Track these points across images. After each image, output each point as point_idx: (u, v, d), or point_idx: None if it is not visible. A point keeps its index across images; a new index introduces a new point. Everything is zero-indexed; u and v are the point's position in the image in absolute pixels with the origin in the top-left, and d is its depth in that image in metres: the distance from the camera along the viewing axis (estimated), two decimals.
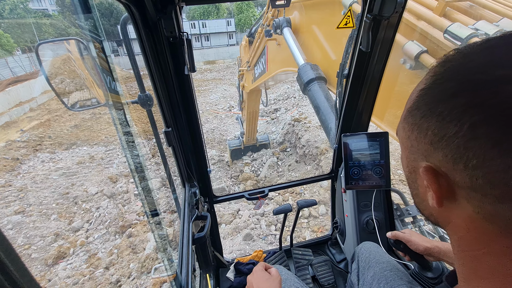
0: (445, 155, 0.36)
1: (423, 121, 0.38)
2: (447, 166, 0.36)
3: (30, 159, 8.18)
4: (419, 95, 0.40)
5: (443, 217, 0.43)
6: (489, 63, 0.33)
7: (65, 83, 6.10)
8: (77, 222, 5.34)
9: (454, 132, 0.33)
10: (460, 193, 0.37)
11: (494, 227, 0.35)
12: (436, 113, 0.36)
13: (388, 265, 1.09)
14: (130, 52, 1.11)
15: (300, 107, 10.72)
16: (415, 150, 0.42)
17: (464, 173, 0.34)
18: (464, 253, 0.41)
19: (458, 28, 1.51)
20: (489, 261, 0.37)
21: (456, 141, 0.33)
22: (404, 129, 0.44)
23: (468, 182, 0.34)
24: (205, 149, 1.53)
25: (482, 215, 0.35)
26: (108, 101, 0.95)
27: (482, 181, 0.32)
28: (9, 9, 26.79)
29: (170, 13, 1.04)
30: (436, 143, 0.36)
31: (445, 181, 0.37)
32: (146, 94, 1.17)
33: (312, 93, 2.37)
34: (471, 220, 0.37)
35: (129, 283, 3.87)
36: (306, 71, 2.48)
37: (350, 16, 1.24)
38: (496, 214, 0.33)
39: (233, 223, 4.79)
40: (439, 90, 0.36)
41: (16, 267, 0.29)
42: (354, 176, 1.59)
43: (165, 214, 4.97)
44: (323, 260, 1.87)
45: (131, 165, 1.04)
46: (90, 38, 0.93)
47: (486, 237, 0.36)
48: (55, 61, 11.59)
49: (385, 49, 1.30)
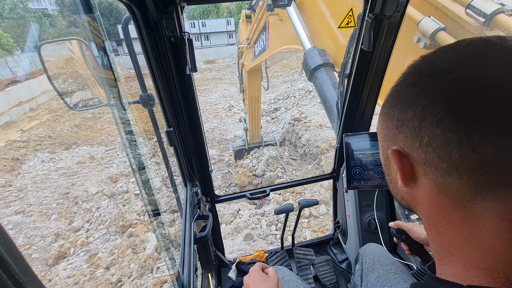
0: (405, 137, 0.41)
1: (391, 111, 0.45)
2: (408, 146, 0.41)
3: (30, 159, 8.17)
4: (390, 92, 0.47)
5: (412, 199, 0.46)
6: (438, 59, 0.40)
7: (67, 83, 6.08)
8: (78, 222, 5.34)
9: (411, 115, 0.39)
10: (419, 170, 0.41)
11: (449, 201, 0.39)
12: (399, 102, 0.43)
13: (392, 268, 1.09)
14: (132, 52, 1.10)
15: (300, 107, 10.72)
16: (386, 138, 0.47)
17: (420, 150, 0.39)
18: (432, 231, 0.44)
19: (483, 2, 1.33)
20: (452, 235, 0.40)
21: (412, 123, 0.39)
22: (379, 122, 0.50)
23: (423, 158, 0.39)
24: (207, 149, 1.52)
25: (437, 189, 0.40)
26: (110, 101, 0.95)
27: (433, 155, 0.37)
28: (9, 9, 26.75)
29: (171, 13, 1.03)
30: (399, 127, 0.42)
31: (407, 160, 0.42)
32: (147, 94, 1.17)
33: (319, 80, 2.19)
34: (430, 196, 0.41)
35: (130, 283, 3.87)
36: (313, 57, 2.28)
37: (351, 15, 1.23)
38: (447, 186, 0.38)
39: (234, 223, 4.78)
40: (403, 83, 0.43)
41: (18, 266, 0.29)
42: (356, 176, 1.59)
43: (166, 213, 4.97)
44: (325, 260, 1.87)
45: (132, 164, 1.04)
46: (92, 38, 0.92)
47: (444, 210, 0.40)
48: (57, 61, 11.57)
49: (387, 48, 1.30)
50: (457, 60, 0.38)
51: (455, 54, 0.39)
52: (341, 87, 1.58)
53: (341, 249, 2.00)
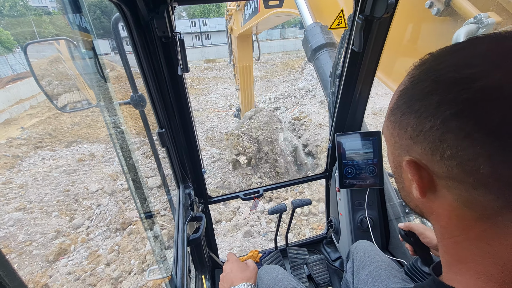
0: (423, 148, 0.38)
1: (403, 118, 0.41)
2: (426, 158, 0.38)
3: (31, 157, 8.21)
4: (399, 95, 0.43)
5: (427, 208, 0.45)
6: (459, 63, 0.35)
7: (54, 84, 5.96)
8: (78, 219, 5.37)
9: (430, 126, 0.36)
10: (440, 183, 0.39)
11: (472, 213, 0.37)
12: (414, 111, 0.39)
13: (382, 264, 1.09)
14: (122, 52, 1.10)
15: (301, 106, 10.71)
16: (398, 146, 0.45)
17: (441, 163, 0.36)
18: (446, 241, 0.43)
19: None
20: (468, 246, 0.39)
21: (432, 135, 0.36)
22: (388, 127, 0.47)
23: (445, 172, 0.36)
24: (199, 150, 1.53)
25: (461, 202, 0.37)
26: (100, 102, 0.96)
27: (457, 170, 0.35)
28: (9, 6, 26.72)
29: (163, 12, 1.03)
30: (415, 137, 0.39)
31: (426, 172, 0.40)
32: (138, 94, 1.17)
33: (321, 62, 1.95)
34: (452, 208, 0.39)
35: (130, 279, 3.91)
36: (315, 34, 2.00)
37: (342, 16, 1.23)
38: (473, 200, 0.35)
39: (233, 220, 4.81)
40: (416, 89, 0.39)
41: (5, 272, 0.29)
42: (348, 175, 1.60)
43: (159, 215, 5.00)
44: (318, 259, 1.88)
45: (123, 166, 1.05)
46: (81, 38, 0.92)
47: (465, 223, 0.38)
48: (44, 61, 11.37)
49: (377, 49, 1.30)
50: (484, 63, 0.33)
51: (480, 57, 0.34)
52: (333, 87, 1.59)
53: (334, 248, 2.01)
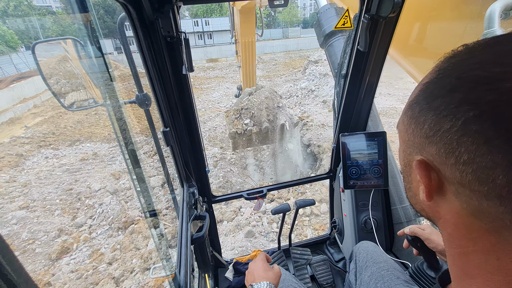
0: (438, 149, 0.36)
1: (420, 114, 0.39)
2: (439, 160, 0.36)
3: (34, 155, 8.26)
4: (421, 89, 0.40)
5: (433, 212, 0.43)
6: (488, 60, 0.32)
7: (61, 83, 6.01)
8: (81, 218, 5.40)
9: (449, 127, 0.34)
10: (449, 188, 0.37)
11: (480, 224, 0.35)
12: (433, 108, 0.36)
13: (385, 265, 1.09)
14: (127, 51, 1.11)
15: (303, 106, 10.69)
16: (411, 144, 0.42)
17: (454, 168, 0.34)
18: (454, 251, 0.41)
19: None
20: (477, 259, 0.37)
21: (450, 136, 0.34)
22: (404, 123, 0.44)
23: (458, 177, 0.34)
24: (203, 149, 1.53)
25: (469, 211, 0.35)
26: (106, 101, 0.96)
27: (471, 177, 0.32)
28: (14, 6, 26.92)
29: (168, 12, 1.03)
30: (430, 137, 0.37)
31: (436, 175, 0.38)
32: (143, 93, 1.17)
33: (334, 50, 1.80)
34: (459, 216, 0.37)
35: (132, 278, 3.92)
36: (328, 18, 1.84)
37: (347, 16, 1.23)
38: (483, 210, 0.33)
39: (235, 220, 4.81)
40: (439, 85, 0.37)
41: (12, 268, 0.29)
42: (353, 175, 1.59)
43: (163, 214, 5.01)
44: (322, 259, 1.87)
45: (128, 165, 1.05)
46: (87, 37, 0.93)
47: (473, 234, 0.36)
48: (52, 60, 11.57)
49: (383, 49, 1.29)
50: None
51: (510, 54, 0.31)
52: (338, 87, 1.58)
53: (338, 248, 2.00)
